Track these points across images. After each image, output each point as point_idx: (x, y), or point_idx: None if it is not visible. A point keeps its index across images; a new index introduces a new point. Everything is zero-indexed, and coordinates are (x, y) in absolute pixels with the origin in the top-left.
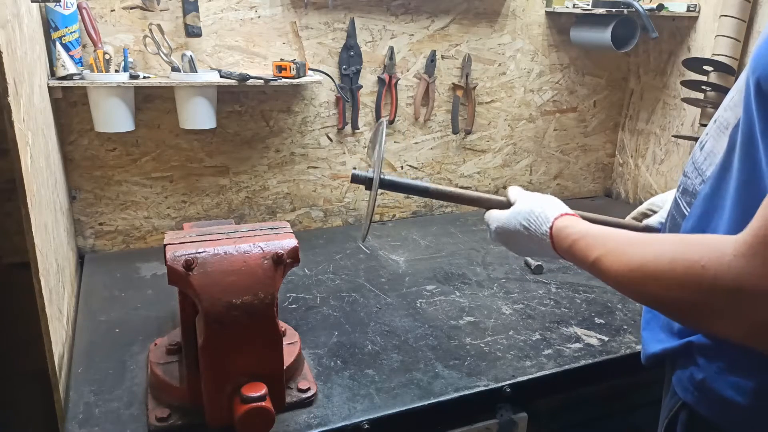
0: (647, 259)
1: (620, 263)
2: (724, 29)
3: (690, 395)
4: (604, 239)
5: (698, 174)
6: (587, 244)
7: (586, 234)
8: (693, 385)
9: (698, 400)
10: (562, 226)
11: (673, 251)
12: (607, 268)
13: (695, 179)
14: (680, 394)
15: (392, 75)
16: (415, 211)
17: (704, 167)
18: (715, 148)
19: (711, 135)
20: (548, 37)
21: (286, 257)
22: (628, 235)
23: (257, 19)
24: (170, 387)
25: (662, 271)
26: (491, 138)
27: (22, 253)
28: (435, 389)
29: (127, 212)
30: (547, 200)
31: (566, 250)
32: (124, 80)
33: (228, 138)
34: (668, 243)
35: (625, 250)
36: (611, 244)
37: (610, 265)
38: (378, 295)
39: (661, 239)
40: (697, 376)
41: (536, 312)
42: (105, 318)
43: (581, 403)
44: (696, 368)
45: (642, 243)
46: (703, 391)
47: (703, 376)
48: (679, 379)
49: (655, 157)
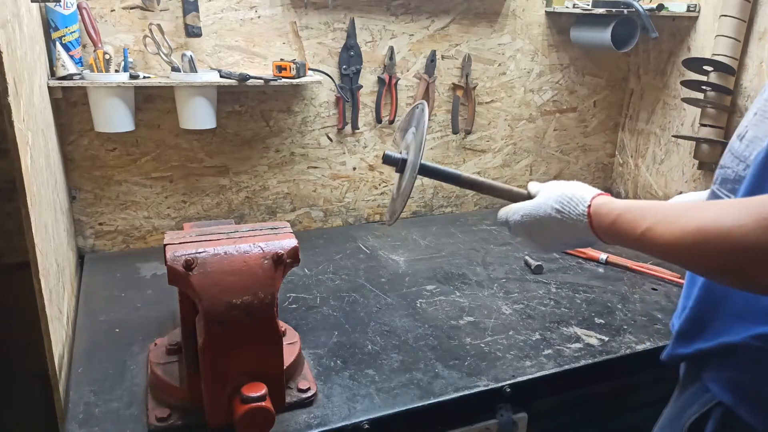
0: (705, 221)
1: (675, 229)
2: (724, 29)
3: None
4: (653, 209)
5: (740, 161)
6: (634, 216)
7: (631, 207)
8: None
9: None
10: (602, 203)
11: (734, 210)
12: (660, 236)
13: (737, 166)
14: (716, 393)
15: (392, 75)
16: (415, 211)
17: (746, 153)
18: (758, 133)
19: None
20: (548, 37)
21: (286, 257)
22: (677, 204)
23: (257, 19)
24: (170, 387)
25: (725, 230)
26: (491, 138)
27: (22, 253)
28: (435, 389)
29: (127, 212)
30: (578, 184)
31: (608, 227)
32: (124, 80)
33: (228, 138)
34: (727, 205)
35: (679, 215)
36: (662, 213)
37: (662, 233)
38: (378, 295)
39: (716, 203)
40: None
41: (536, 312)
42: (105, 318)
43: (581, 403)
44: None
45: (696, 208)
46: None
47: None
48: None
49: (655, 157)
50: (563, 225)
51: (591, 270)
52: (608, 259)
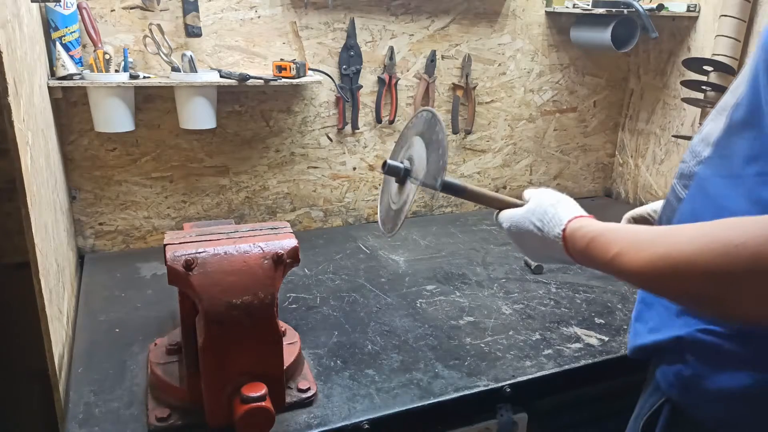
0: (673, 248)
1: (643, 255)
2: (724, 29)
3: (675, 390)
4: (624, 233)
5: (693, 156)
6: (606, 241)
7: (604, 231)
8: (680, 381)
9: (684, 396)
10: (577, 227)
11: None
12: (629, 262)
13: (691, 161)
14: (664, 389)
15: (392, 75)
16: (415, 211)
17: (699, 149)
18: (713, 129)
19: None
20: (548, 37)
21: (286, 257)
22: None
23: (257, 19)
24: (170, 387)
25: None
26: (491, 138)
27: (22, 253)
28: (435, 389)
29: (127, 212)
30: (563, 200)
31: (581, 252)
32: (124, 80)
33: (228, 138)
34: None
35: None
36: (631, 237)
37: (631, 259)
38: (378, 295)
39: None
40: (685, 372)
41: (536, 312)
42: (105, 318)
43: (581, 403)
44: (685, 364)
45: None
46: (691, 387)
47: (692, 373)
48: (665, 374)
49: (655, 157)
50: (543, 242)
51: (591, 270)
52: None
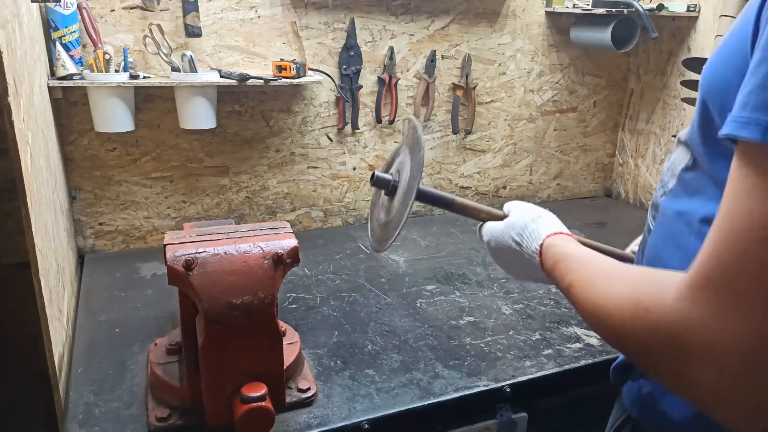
0: (602, 297)
1: (585, 296)
2: (724, 29)
3: (636, 408)
4: (581, 264)
5: (662, 186)
6: (566, 267)
7: (570, 255)
8: (640, 398)
9: (642, 414)
10: (551, 244)
11: (622, 289)
12: (574, 298)
13: (659, 191)
14: (627, 405)
15: (392, 75)
16: (415, 211)
17: (666, 179)
18: (678, 159)
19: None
20: (548, 37)
21: (286, 257)
22: (604, 265)
23: (257, 19)
24: (170, 387)
25: (611, 312)
26: (491, 138)
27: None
28: (435, 389)
29: (127, 212)
30: (544, 216)
31: (549, 271)
32: (124, 80)
33: (228, 138)
34: (622, 279)
35: (593, 281)
36: (582, 272)
37: (576, 295)
38: (378, 295)
39: (622, 273)
40: (644, 389)
41: (536, 312)
42: (105, 318)
43: (581, 403)
44: (645, 381)
45: (608, 276)
46: (648, 405)
47: (649, 390)
48: (628, 391)
49: (655, 157)
50: (521, 258)
51: None
52: None
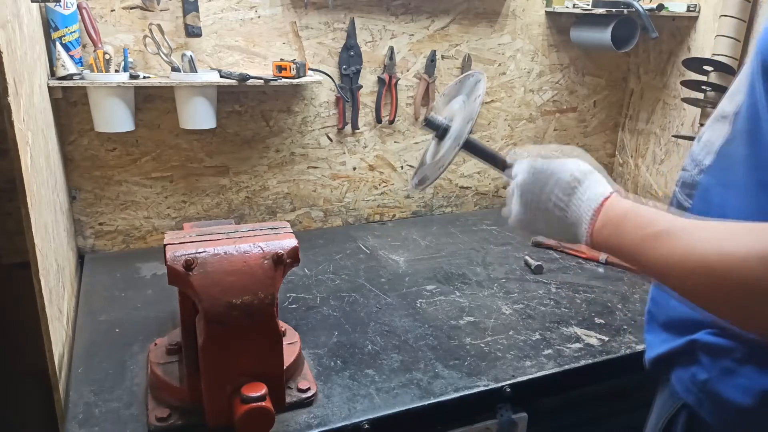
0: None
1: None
2: (724, 29)
3: (692, 396)
4: (650, 220)
5: (695, 165)
6: (647, 217)
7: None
8: (695, 386)
9: (700, 401)
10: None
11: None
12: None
13: (693, 170)
14: (681, 394)
15: (392, 75)
16: (415, 211)
17: (701, 157)
18: (712, 137)
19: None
20: (548, 37)
21: (286, 257)
22: (675, 218)
23: (257, 19)
24: (170, 387)
25: (734, 263)
26: (491, 138)
27: (22, 253)
28: (435, 389)
29: (127, 212)
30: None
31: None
32: (124, 80)
33: (228, 138)
34: (717, 230)
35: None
36: (683, 220)
37: (670, 246)
38: (378, 295)
39: (710, 225)
40: (699, 377)
41: (536, 312)
42: (105, 318)
43: (581, 403)
44: (699, 368)
45: (690, 228)
46: (706, 392)
47: (707, 377)
48: (680, 379)
49: (655, 157)
50: (560, 219)
51: (591, 270)
52: (608, 260)
